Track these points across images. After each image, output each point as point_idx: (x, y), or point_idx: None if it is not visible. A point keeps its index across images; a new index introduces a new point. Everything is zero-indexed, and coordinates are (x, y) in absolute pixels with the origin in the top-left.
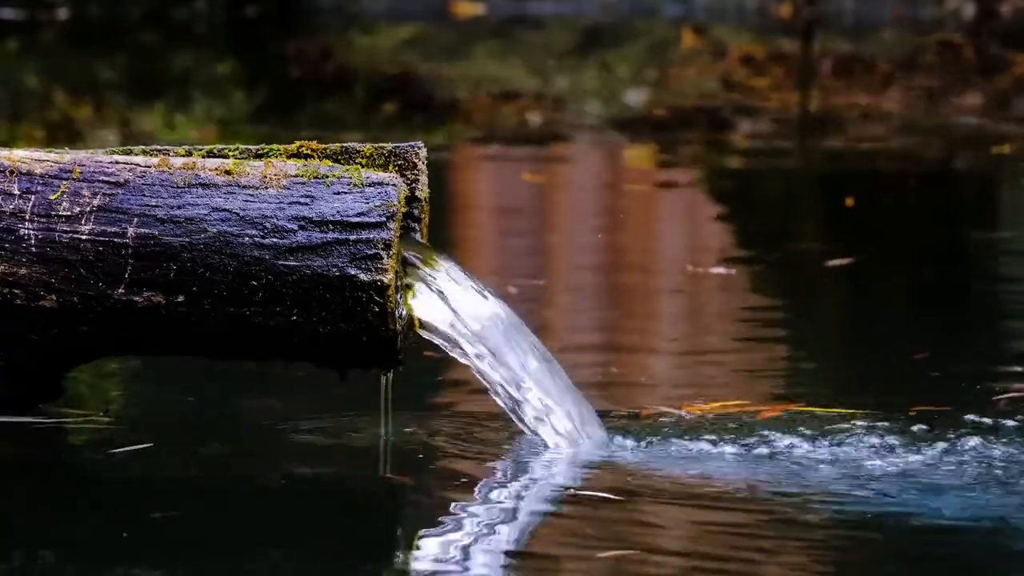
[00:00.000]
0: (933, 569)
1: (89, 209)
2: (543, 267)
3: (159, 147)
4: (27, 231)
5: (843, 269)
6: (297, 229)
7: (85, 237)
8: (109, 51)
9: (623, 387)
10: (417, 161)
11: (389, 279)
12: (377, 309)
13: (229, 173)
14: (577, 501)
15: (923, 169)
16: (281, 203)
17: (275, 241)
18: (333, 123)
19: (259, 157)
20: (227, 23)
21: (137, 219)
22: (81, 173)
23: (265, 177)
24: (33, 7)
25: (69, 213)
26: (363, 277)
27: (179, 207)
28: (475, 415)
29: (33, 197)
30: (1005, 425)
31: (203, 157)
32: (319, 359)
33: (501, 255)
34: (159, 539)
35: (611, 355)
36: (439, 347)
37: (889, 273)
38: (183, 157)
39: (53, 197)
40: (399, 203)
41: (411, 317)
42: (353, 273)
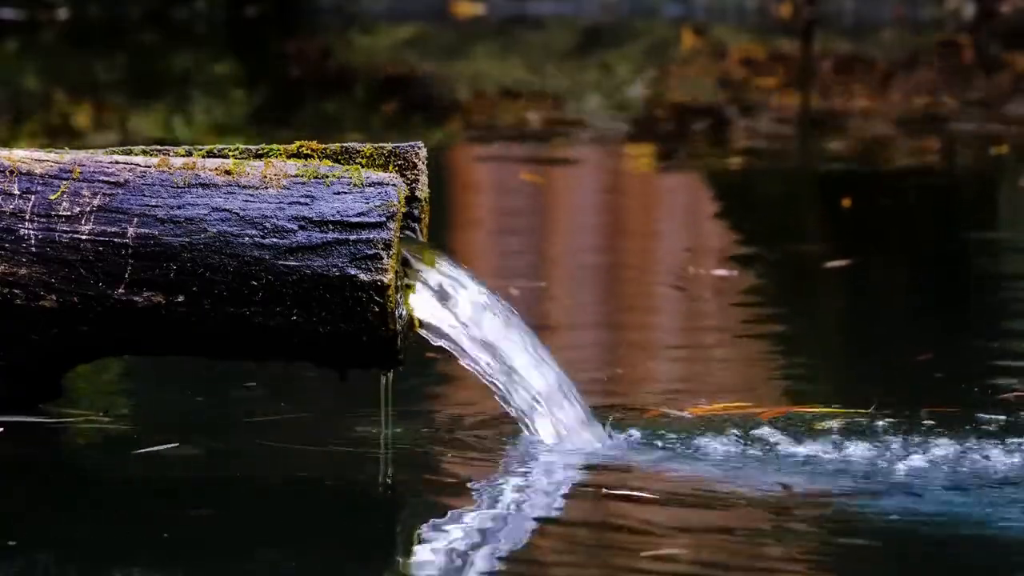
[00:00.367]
0: (933, 569)
1: (89, 209)
2: (544, 268)
3: (159, 147)
4: (27, 231)
5: (843, 269)
6: (297, 229)
7: (85, 237)
8: (109, 51)
9: (625, 388)
10: (417, 161)
11: (389, 279)
12: (377, 309)
13: (229, 173)
14: (578, 501)
15: (923, 169)
16: (281, 203)
17: (275, 241)
18: (333, 123)
19: (259, 157)
20: (227, 23)
21: (137, 219)
22: (81, 173)
23: (265, 177)
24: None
25: (69, 213)
26: (363, 277)
27: (179, 207)
28: (475, 415)
29: (33, 197)
30: (1006, 425)
31: (203, 157)
32: (319, 359)
33: (501, 255)
34: (159, 539)
35: (612, 357)
36: (439, 347)
37: (889, 273)
38: (183, 157)
39: (53, 197)
40: (399, 203)
41: (411, 317)
42: (353, 273)
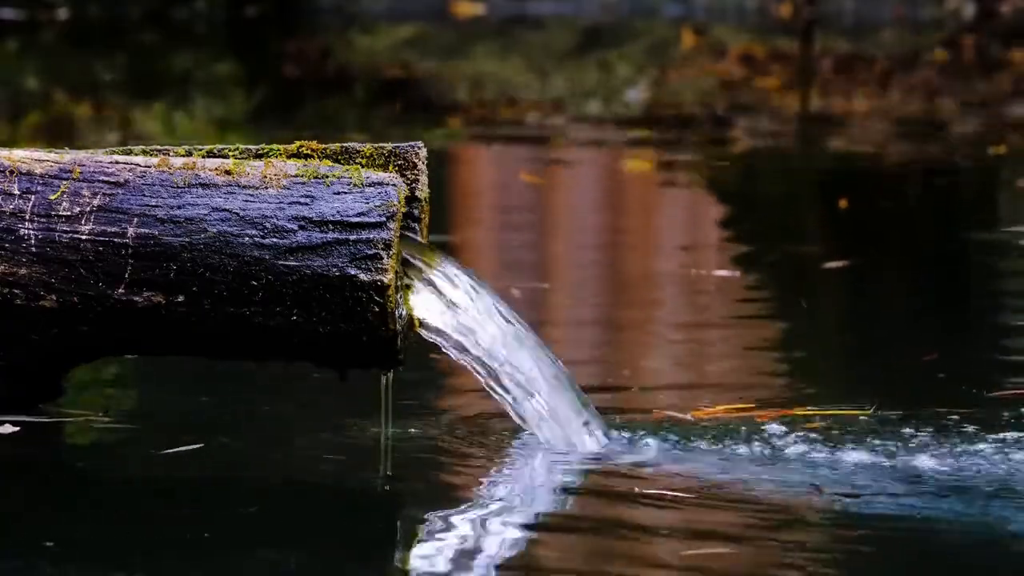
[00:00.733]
0: (933, 569)
1: (89, 209)
2: (545, 269)
3: (159, 147)
4: (27, 231)
5: (844, 270)
6: (297, 229)
7: (85, 237)
8: (109, 51)
9: (625, 389)
10: (417, 161)
11: (389, 279)
12: (377, 309)
13: (229, 173)
14: (578, 501)
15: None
16: (281, 203)
17: (275, 241)
18: (333, 123)
19: (259, 157)
20: (227, 23)
21: (137, 219)
22: (81, 173)
23: (265, 177)
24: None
25: (69, 213)
26: (363, 277)
27: (179, 207)
28: (475, 415)
29: (33, 197)
30: (1006, 426)
31: (203, 157)
32: (319, 359)
33: (502, 256)
34: (159, 539)
35: (613, 357)
36: (440, 347)
37: (889, 274)
38: (183, 157)
39: (53, 197)
40: (399, 203)
41: (411, 317)
42: (353, 273)
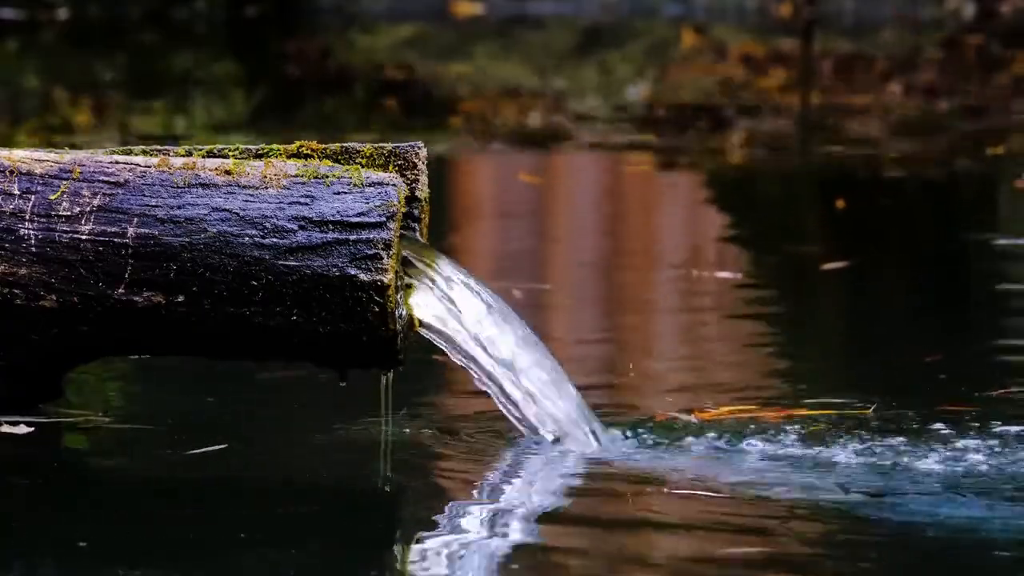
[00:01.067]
0: (933, 569)
1: (89, 209)
2: (546, 270)
3: (159, 147)
4: (27, 231)
5: (843, 270)
6: (297, 229)
7: (85, 237)
8: (109, 51)
9: (626, 389)
10: (417, 161)
11: (389, 279)
12: (377, 309)
13: (229, 173)
14: (578, 501)
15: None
16: (281, 203)
17: (275, 241)
18: (333, 123)
19: (259, 157)
20: (227, 23)
21: (137, 219)
22: (81, 173)
23: (265, 177)
24: (33, 7)
25: (69, 213)
26: (363, 277)
27: (179, 207)
28: (475, 415)
29: (33, 197)
30: (1006, 425)
31: (203, 157)
32: (319, 359)
33: (502, 256)
34: (159, 539)
35: (613, 358)
36: (440, 347)
37: (889, 274)
38: (183, 157)
39: (53, 197)
40: (399, 203)
41: (411, 317)
42: (353, 273)
